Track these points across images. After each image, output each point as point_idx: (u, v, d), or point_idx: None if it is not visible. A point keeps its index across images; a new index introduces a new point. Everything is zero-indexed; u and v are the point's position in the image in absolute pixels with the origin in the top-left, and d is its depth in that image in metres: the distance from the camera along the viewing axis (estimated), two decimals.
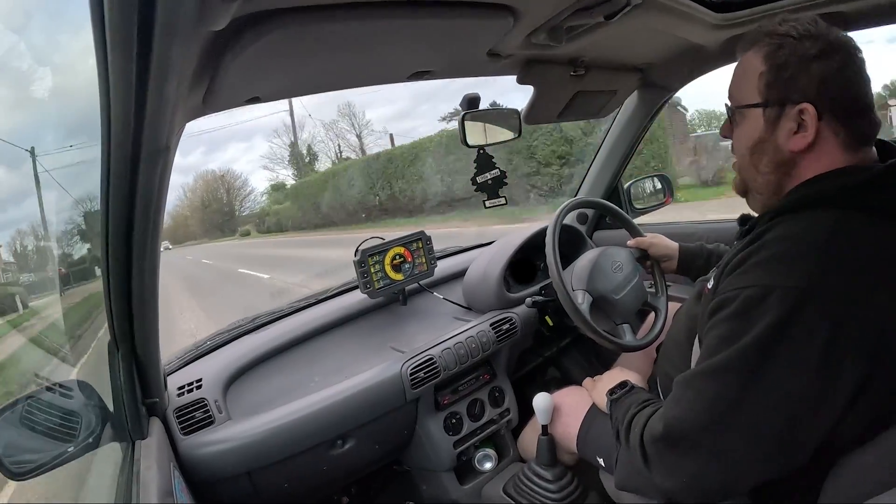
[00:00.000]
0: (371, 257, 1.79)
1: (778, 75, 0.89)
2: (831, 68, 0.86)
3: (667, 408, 0.92)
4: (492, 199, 1.60)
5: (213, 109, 1.08)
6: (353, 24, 0.95)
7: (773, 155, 0.92)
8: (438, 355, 1.62)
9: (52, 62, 12.40)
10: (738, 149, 1.00)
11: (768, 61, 0.90)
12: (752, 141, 0.95)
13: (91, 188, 0.87)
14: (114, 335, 1.09)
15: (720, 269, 0.96)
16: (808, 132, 0.88)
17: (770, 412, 0.79)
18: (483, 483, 1.72)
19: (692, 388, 0.87)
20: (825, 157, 0.89)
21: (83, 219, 7.11)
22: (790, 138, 0.89)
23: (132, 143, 0.71)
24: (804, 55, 0.86)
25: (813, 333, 0.76)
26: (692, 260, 1.59)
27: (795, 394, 0.78)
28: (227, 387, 1.51)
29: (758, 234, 0.90)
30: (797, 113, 0.88)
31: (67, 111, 11.55)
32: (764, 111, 0.91)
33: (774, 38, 0.89)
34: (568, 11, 1.13)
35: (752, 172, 0.98)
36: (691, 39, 1.49)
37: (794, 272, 0.80)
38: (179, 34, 0.59)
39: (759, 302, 0.80)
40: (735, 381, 0.81)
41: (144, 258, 0.93)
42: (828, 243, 0.81)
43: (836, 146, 0.88)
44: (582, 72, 1.55)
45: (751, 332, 0.80)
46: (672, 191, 2.28)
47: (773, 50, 0.89)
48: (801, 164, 0.91)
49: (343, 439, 1.51)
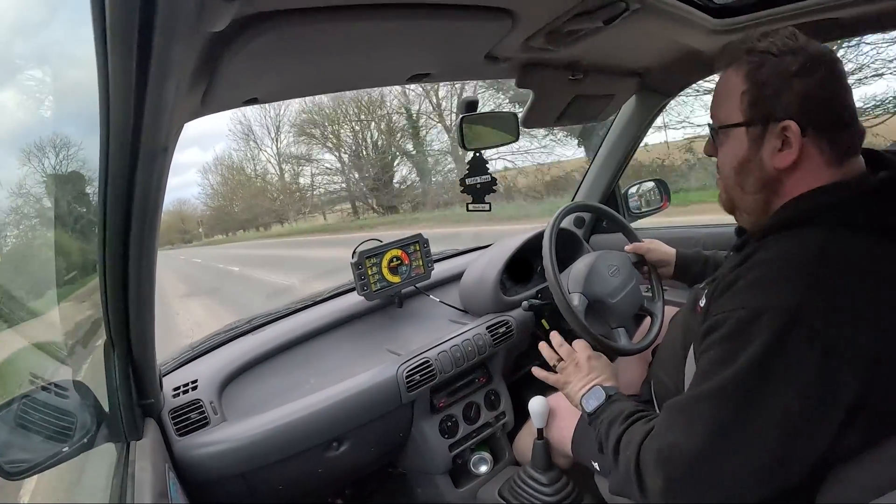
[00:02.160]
0: (368, 259, 1.79)
1: (760, 94, 0.88)
2: (813, 83, 0.85)
3: (660, 434, 0.90)
4: (475, 203, 1.60)
5: (211, 110, 1.08)
6: (352, 26, 0.96)
7: (759, 174, 0.92)
8: (434, 358, 1.62)
9: (51, 61, 12.35)
10: (722, 168, 0.99)
11: (749, 80, 0.89)
12: (737, 161, 0.94)
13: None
14: (110, 336, 1.09)
15: (713, 288, 0.95)
16: (792, 149, 0.87)
17: (767, 434, 0.78)
18: (478, 486, 1.72)
19: (686, 414, 0.86)
20: (810, 173, 0.89)
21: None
22: (774, 156, 0.89)
23: (131, 142, 0.71)
24: (785, 72, 0.86)
25: (806, 353, 0.76)
26: (689, 266, 1.59)
27: (792, 414, 0.77)
28: (222, 388, 1.51)
29: (747, 253, 0.90)
30: (780, 130, 0.87)
31: (66, 110, 11.48)
32: (747, 130, 0.91)
33: (754, 55, 0.89)
34: (567, 16, 1.13)
35: (738, 192, 0.97)
36: (689, 44, 1.50)
37: (785, 292, 0.79)
38: (179, 35, 0.59)
39: (751, 324, 0.80)
40: (730, 405, 0.80)
41: (141, 259, 0.93)
42: (817, 262, 0.81)
43: (821, 161, 0.88)
44: (580, 76, 1.55)
45: (743, 355, 0.79)
46: (669, 195, 2.28)
47: (754, 68, 0.89)
48: (786, 181, 0.90)
49: (338, 441, 1.51)
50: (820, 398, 0.76)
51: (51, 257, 2.03)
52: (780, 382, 0.77)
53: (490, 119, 1.60)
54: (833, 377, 0.75)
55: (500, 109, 1.60)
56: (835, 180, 0.88)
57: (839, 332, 0.76)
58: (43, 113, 11.25)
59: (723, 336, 0.83)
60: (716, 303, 0.89)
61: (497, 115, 1.64)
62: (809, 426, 0.77)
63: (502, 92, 16.18)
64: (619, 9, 1.11)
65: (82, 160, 8.13)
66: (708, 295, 0.97)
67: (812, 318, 0.76)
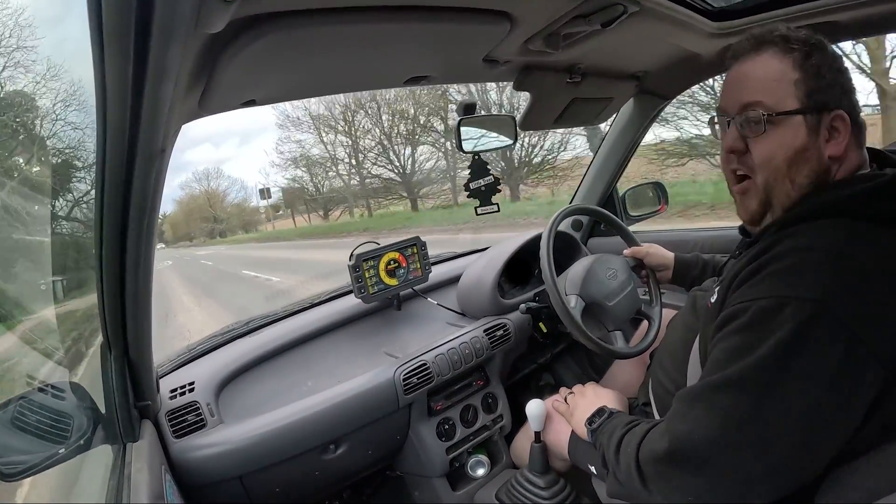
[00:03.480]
0: (366, 262, 1.79)
1: (818, 82, 0.88)
2: (846, 74, 0.89)
3: (671, 424, 0.88)
4: (483, 206, 1.60)
5: (208, 112, 1.08)
6: (350, 28, 0.96)
7: (816, 163, 0.90)
8: (432, 361, 1.62)
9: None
10: (769, 159, 0.91)
11: (802, 68, 0.88)
12: (793, 150, 0.89)
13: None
14: (107, 337, 1.09)
15: (726, 283, 0.93)
16: (841, 138, 0.88)
17: (785, 427, 0.77)
18: (476, 489, 1.72)
19: (701, 403, 0.84)
20: (848, 163, 0.90)
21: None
22: (827, 145, 0.89)
23: (128, 144, 0.71)
24: (834, 64, 0.88)
25: (829, 346, 0.75)
26: (687, 270, 1.59)
27: (811, 408, 0.75)
28: (219, 390, 1.50)
29: (766, 245, 0.87)
30: (832, 120, 0.88)
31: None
32: (805, 118, 0.89)
33: (797, 44, 0.89)
34: (565, 19, 1.13)
35: (785, 185, 0.91)
36: (688, 48, 1.50)
37: (809, 284, 0.78)
38: (177, 36, 0.58)
39: (774, 314, 0.78)
40: (748, 395, 0.78)
41: (138, 261, 0.93)
42: (841, 253, 0.80)
43: (856, 150, 0.90)
44: (578, 79, 1.55)
45: (765, 345, 0.78)
46: (667, 198, 2.28)
47: (804, 56, 0.88)
48: (834, 170, 0.90)
49: (335, 444, 1.50)
50: (842, 392, 0.75)
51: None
52: (802, 375, 0.76)
53: (488, 122, 1.61)
54: (856, 370, 0.75)
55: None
56: (864, 170, 0.90)
57: (864, 324, 0.75)
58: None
59: (743, 325, 0.82)
60: (733, 294, 0.88)
61: (495, 118, 1.64)
62: (829, 420, 0.76)
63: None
64: (617, 12, 1.11)
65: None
66: (721, 291, 0.95)
67: (837, 310, 0.75)
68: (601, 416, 1.16)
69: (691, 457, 0.82)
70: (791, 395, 0.76)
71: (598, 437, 1.11)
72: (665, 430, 0.88)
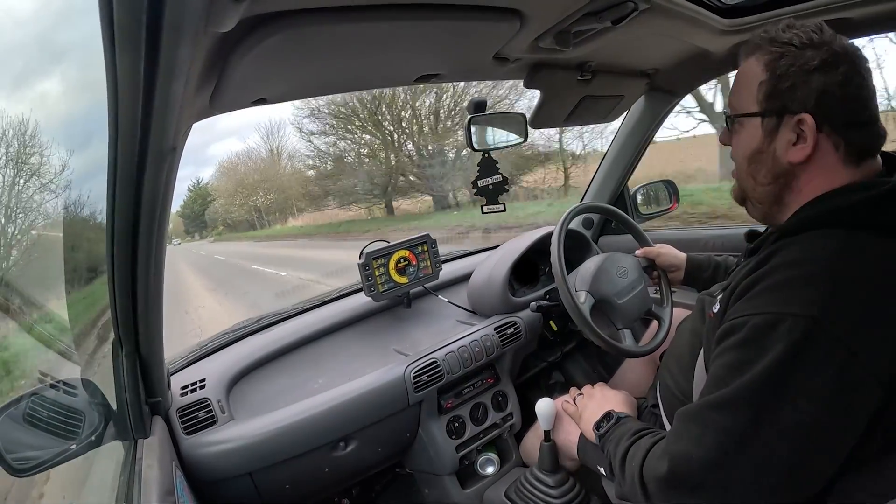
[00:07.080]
0: (375, 260, 1.79)
1: (777, 85, 0.87)
2: (833, 80, 0.84)
3: (670, 443, 0.87)
4: (490, 205, 1.59)
5: (219, 110, 1.08)
6: (361, 26, 0.95)
7: (772, 165, 0.91)
8: (442, 359, 1.62)
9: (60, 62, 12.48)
10: (735, 157, 0.98)
11: (768, 70, 0.88)
12: (750, 151, 0.93)
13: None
14: (118, 334, 1.10)
15: (728, 293, 0.92)
16: (806, 144, 0.86)
17: (782, 445, 0.76)
18: (485, 487, 1.72)
19: (697, 422, 0.83)
20: (825, 170, 0.87)
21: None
22: (788, 149, 0.88)
23: (139, 143, 0.71)
24: (805, 66, 0.84)
25: (826, 362, 0.74)
26: (699, 272, 1.58)
27: (808, 427, 0.74)
28: (230, 387, 1.51)
29: (764, 257, 0.87)
30: (796, 123, 0.86)
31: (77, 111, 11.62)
32: (762, 121, 0.90)
33: (776, 45, 0.88)
34: (576, 16, 1.13)
35: (749, 182, 0.96)
36: (698, 45, 1.49)
37: (804, 299, 0.77)
38: (187, 35, 0.59)
39: (769, 330, 0.77)
40: (745, 414, 0.77)
41: (150, 258, 0.94)
42: (836, 266, 0.79)
43: (836, 159, 0.87)
44: (589, 76, 1.54)
45: (761, 362, 0.77)
46: (678, 196, 2.27)
47: (775, 59, 0.87)
48: (801, 175, 0.89)
49: (345, 441, 1.51)
50: (839, 409, 0.74)
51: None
52: (799, 392, 0.75)
53: (498, 119, 1.60)
54: (853, 387, 0.73)
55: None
56: (851, 180, 0.86)
57: (860, 339, 0.74)
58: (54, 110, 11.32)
59: (739, 341, 0.81)
60: (732, 307, 0.87)
61: (505, 116, 1.64)
62: (827, 438, 0.75)
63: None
64: (627, 9, 1.10)
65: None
66: (723, 299, 0.94)
67: (832, 326, 0.74)
68: (609, 422, 1.16)
69: (690, 478, 0.82)
70: (787, 414, 0.75)
71: (605, 444, 1.11)
72: (665, 449, 0.88)
